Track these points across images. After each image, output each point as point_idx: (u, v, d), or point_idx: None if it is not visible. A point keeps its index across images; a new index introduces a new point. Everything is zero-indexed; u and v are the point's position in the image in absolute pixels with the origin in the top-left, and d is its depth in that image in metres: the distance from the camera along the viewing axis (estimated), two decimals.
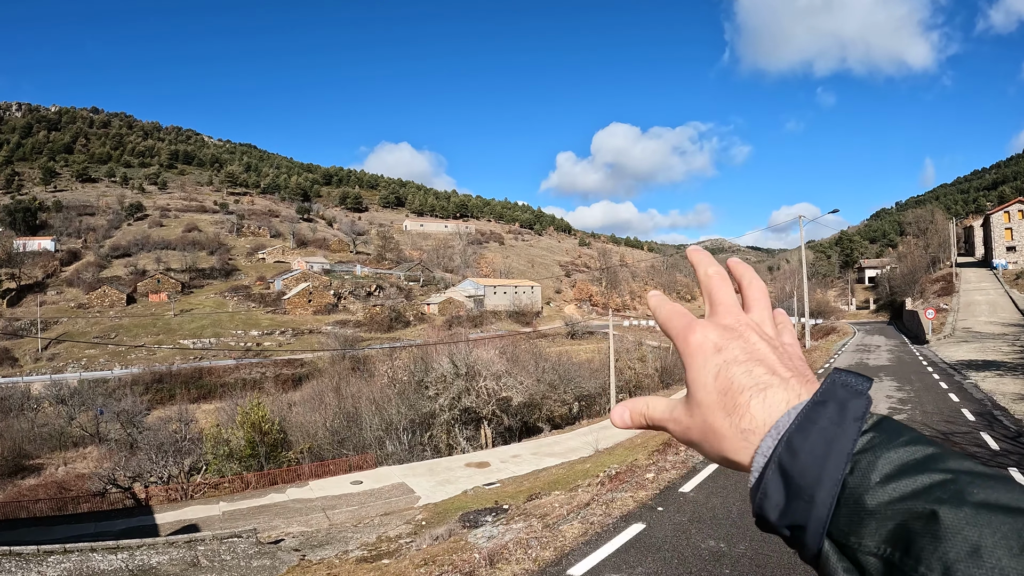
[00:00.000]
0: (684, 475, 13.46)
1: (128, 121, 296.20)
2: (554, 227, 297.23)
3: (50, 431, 59.73)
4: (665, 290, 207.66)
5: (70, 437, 59.38)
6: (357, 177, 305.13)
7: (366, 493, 29.21)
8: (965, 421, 19.16)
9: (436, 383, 41.94)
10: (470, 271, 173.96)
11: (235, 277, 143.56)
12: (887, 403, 23.56)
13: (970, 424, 18.64)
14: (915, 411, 21.52)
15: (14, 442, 54.39)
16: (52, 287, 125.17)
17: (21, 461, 53.08)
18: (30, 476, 49.70)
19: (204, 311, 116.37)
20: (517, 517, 14.54)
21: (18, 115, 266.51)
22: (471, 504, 24.47)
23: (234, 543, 20.03)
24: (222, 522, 26.36)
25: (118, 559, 18.03)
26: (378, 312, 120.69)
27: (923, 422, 19.12)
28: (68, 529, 27.50)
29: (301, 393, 54.53)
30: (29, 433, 58.10)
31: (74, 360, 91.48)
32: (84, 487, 38.98)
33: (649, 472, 13.88)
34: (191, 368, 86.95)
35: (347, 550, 20.21)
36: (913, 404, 23.06)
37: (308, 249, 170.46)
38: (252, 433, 35.06)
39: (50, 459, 55.05)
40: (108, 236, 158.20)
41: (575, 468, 28.05)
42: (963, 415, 20.22)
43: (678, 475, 13.47)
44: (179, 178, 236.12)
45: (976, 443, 15.90)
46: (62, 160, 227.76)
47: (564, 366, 54.78)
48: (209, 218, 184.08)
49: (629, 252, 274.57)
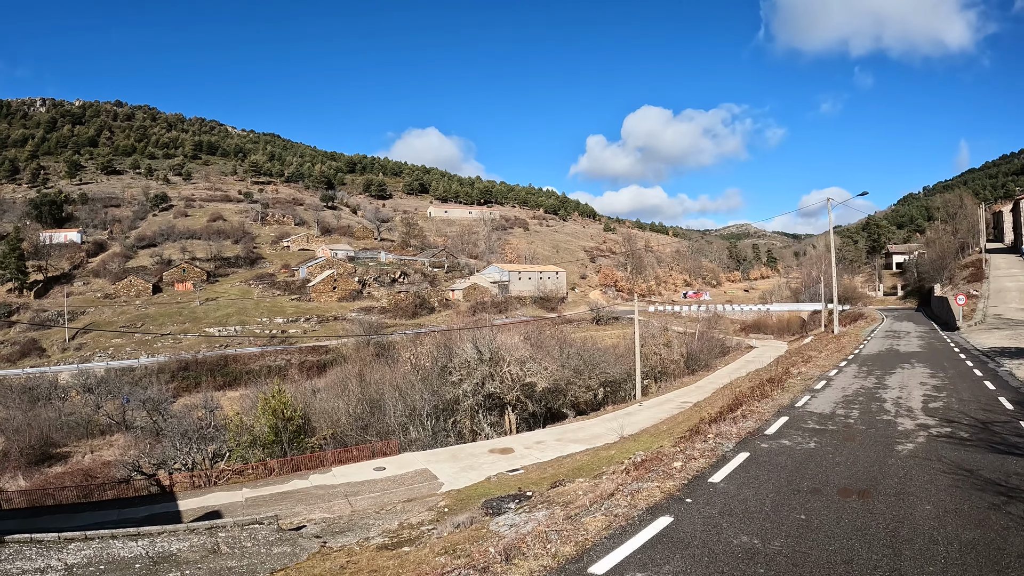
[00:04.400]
0: (713, 464, 12.87)
1: (152, 113, 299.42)
2: (579, 212, 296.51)
3: (77, 419, 60.49)
4: (690, 275, 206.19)
5: (97, 425, 60.09)
6: (381, 164, 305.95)
7: (389, 479, 28.99)
8: (1003, 410, 18.40)
9: (460, 369, 41.66)
10: (494, 257, 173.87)
11: (260, 265, 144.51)
12: (921, 391, 22.51)
13: (1008, 413, 17.91)
14: (951, 399, 20.65)
15: (41, 431, 55.05)
16: (79, 278, 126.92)
17: (48, 449, 53.78)
18: (57, 464, 50.31)
19: (229, 299, 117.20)
20: (540, 505, 14.12)
21: (42, 110, 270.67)
22: (494, 491, 24.11)
23: (255, 530, 19.82)
24: (245, 508, 26.25)
25: (138, 546, 17.71)
26: (403, 298, 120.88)
27: (960, 410, 18.42)
28: (92, 516, 27.46)
29: (325, 379, 54.63)
30: (56, 422, 58.81)
31: (101, 350, 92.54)
32: (109, 474, 39.28)
33: (677, 460, 13.31)
34: (216, 356, 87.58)
35: (368, 536, 19.97)
36: (948, 392, 22.12)
37: (332, 237, 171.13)
38: (274, 420, 34.98)
39: (77, 447, 55.73)
40: (134, 227, 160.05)
41: (600, 455, 27.62)
42: (1000, 403, 19.45)
43: (707, 464, 12.88)
44: (203, 168, 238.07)
45: (1017, 432, 15.23)
46: (87, 153, 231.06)
47: (589, 351, 54.34)
48: (234, 207, 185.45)
49: (655, 237, 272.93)
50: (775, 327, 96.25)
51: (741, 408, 19.93)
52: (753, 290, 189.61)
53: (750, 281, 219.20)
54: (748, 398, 22.30)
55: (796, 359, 37.99)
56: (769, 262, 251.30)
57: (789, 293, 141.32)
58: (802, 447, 14.04)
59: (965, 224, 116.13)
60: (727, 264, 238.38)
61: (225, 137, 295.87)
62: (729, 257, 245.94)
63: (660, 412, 37.20)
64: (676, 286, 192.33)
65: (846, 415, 18.13)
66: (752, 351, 67.46)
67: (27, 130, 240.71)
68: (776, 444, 14.42)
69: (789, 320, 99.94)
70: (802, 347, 54.99)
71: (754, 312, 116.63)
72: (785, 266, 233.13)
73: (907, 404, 19.79)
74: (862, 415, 18.11)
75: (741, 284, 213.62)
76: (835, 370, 29.47)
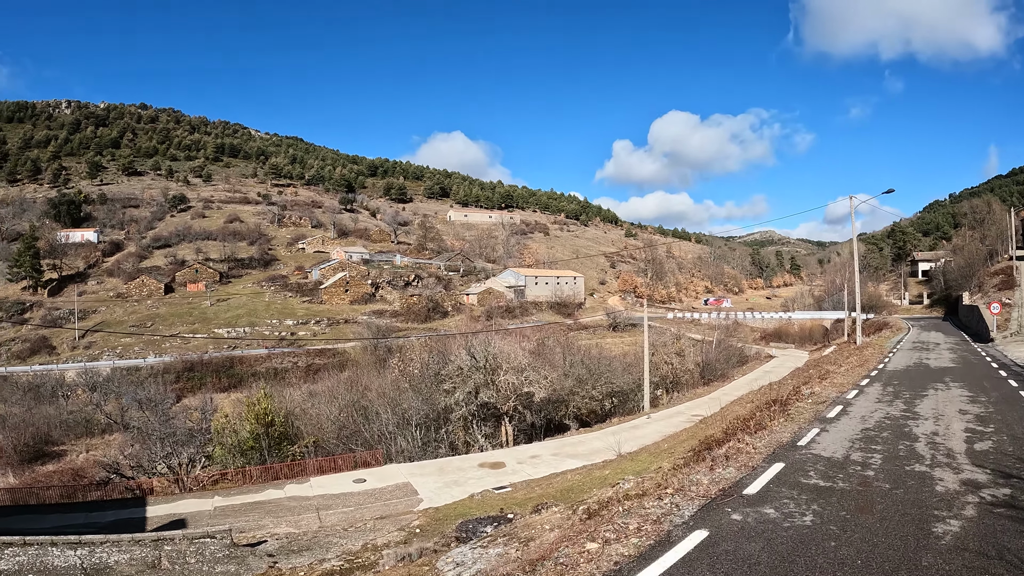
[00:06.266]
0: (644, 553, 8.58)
1: (175, 116, 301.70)
2: (601, 218, 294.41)
3: (77, 418, 59.94)
4: (712, 282, 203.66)
5: (97, 424, 59.31)
6: (402, 168, 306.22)
7: (366, 493, 27.34)
8: None
9: (453, 376, 39.88)
10: (512, 261, 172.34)
11: (274, 267, 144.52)
12: (962, 422, 17.89)
13: None
14: (1001, 435, 15.94)
15: (39, 428, 54.40)
16: (93, 277, 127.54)
17: (44, 447, 53.17)
18: (50, 462, 49.64)
19: (240, 300, 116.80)
20: (501, 539, 12.49)
21: (67, 112, 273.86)
22: (474, 511, 22.50)
23: (204, 544, 18.48)
24: (211, 518, 24.81)
25: (76, 555, 17.06)
26: (415, 302, 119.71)
27: (1018, 455, 13.82)
28: (60, 518, 26.23)
29: (321, 384, 53.05)
30: (56, 419, 58.18)
31: (109, 348, 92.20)
32: (96, 475, 38.12)
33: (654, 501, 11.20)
34: (223, 357, 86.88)
35: (324, 559, 18.34)
36: (997, 425, 17.31)
37: (349, 239, 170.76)
38: (256, 425, 33.45)
39: (74, 446, 55.00)
40: (151, 227, 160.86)
41: (592, 474, 25.90)
42: None
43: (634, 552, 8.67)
44: (224, 171, 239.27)
45: None
46: (109, 155, 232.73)
47: (594, 360, 52.32)
48: (252, 209, 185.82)
49: (677, 243, 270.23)
50: (797, 336, 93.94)
51: (726, 446, 15.72)
52: (775, 297, 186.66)
53: (772, 288, 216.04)
54: (739, 430, 17.95)
55: (812, 374, 35.68)
56: (792, 269, 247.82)
57: (812, 301, 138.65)
58: (792, 524, 9.52)
59: (993, 230, 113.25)
60: (750, 271, 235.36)
61: (248, 140, 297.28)
62: (752, 264, 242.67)
63: (667, 426, 35.30)
64: (697, 293, 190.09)
65: (863, 463, 13.54)
66: (771, 361, 65.20)
67: (51, 131, 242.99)
68: (755, 515, 9.95)
69: (811, 329, 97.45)
70: (821, 359, 52.72)
71: (775, 320, 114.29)
72: (809, 273, 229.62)
73: (946, 444, 15.23)
74: (886, 463, 13.51)
75: (763, 291, 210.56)
76: (855, 390, 25.21)
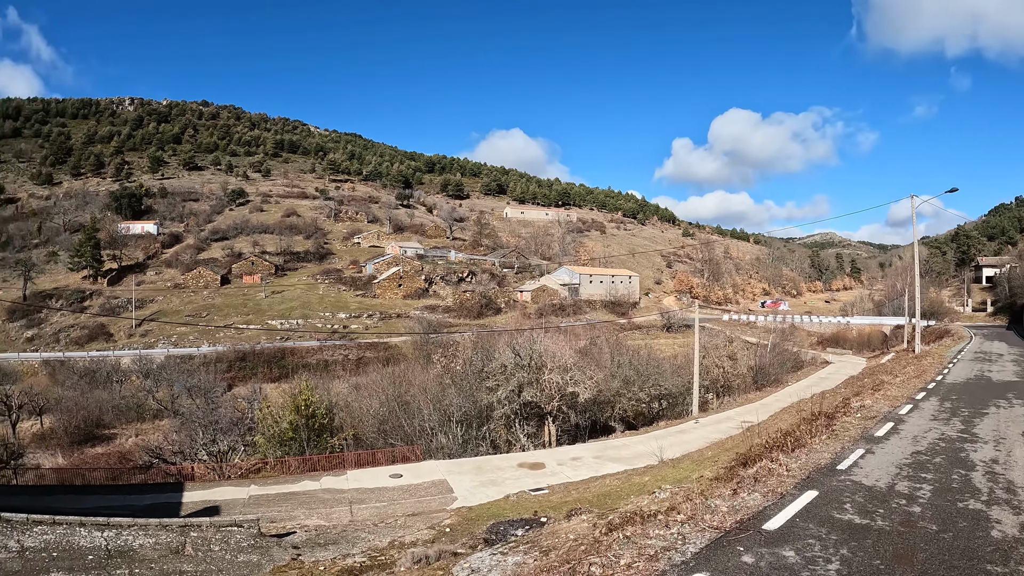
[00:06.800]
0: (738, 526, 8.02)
1: (236, 113, 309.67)
2: (659, 217, 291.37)
3: (129, 403, 61.19)
4: (770, 284, 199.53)
5: (148, 410, 60.53)
6: (460, 165, 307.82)
7: (401, 489, 26.99)
8: None
9: (496, 374, 39.32)
10: (567, 259, 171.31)
11: (329, 261, 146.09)
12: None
13: None
14: None
15: (91, 412, 55.72)
16: (152, 268, 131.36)
17: (95, 430, 54.44)
18: (100, 444, 50.81)
19: (295, 293, 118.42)
20: (523, 547, 11.85)
21: (130, 108, 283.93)
22: (508, 512, 21.97)
23: (231, 533, 18.39)
24: (245, 506, 24.79)
25: (102, 536, 16.86)
26: (468, 298, 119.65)
27: None
28: (100, 499, 26.61)
29: (366, 378, 53.10)
30: (109, 404, 59.54)
31: (165, 337, 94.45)
32: (139, 459, 38.74)
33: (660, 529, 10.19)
34: (275, 348, 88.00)
35: (348, 553, 17.99)
36: None
37: (404, 234, 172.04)
38: (296, 416, 33.42)
39: (124, 430, 56.23)
40: (209, 220, 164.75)
41: (632, 480, 25.07)
42: None
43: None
44: (283, 166, 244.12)
45: None
46: (170, 150, 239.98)
47: (644, 360, 51.11)
48: (309, 204, 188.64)
49: (735, 244, 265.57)
50: (855, 342, 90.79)
51: (757, 465, 13.90)
52: (834, 301, 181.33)
53: (831, 292, 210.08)
54: (775, 447, 16.09)
55: (865, 383, 34.06)
56: (853, 273, 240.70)
57: (871, 306, 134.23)
58: (813, 574, 7.74)
59: None
60: (808, 274, 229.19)
61: (307, 136, 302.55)
62: (811, 266, 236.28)
63: (715, 432, 34.10)
64: (754, 295, 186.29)
65: (909, 495, 11.50)
66: (827, 367, 63.02)
67: (114, 127, 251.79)
68: (769, 559, 8.18)
69: (870, 334, 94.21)
70: (877, 367, 50.67)
71: (833, 324, 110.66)
72: (869, 277, 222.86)
73: (1006, 476, 12.81)
74: (935, 496, 11.42)
75: (822, 295, 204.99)
76: (908, 405, 22.77)
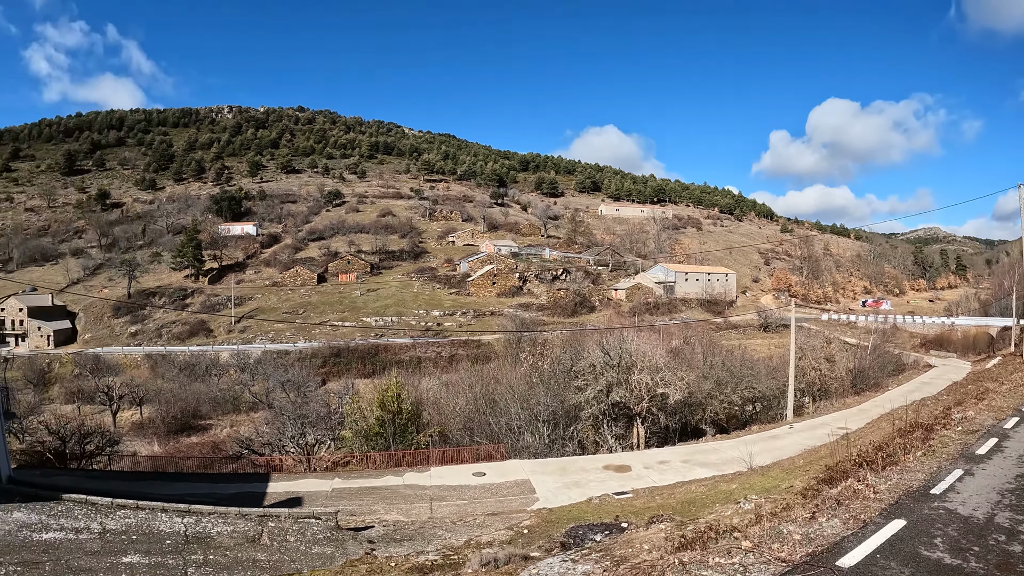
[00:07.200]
0: None
1: (332, 117, 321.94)
2: (756, 212, 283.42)
3: (226, 396, 63.30)
4: (871, 282, 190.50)
5: (243, 402, 62.48)
6: (554, 163, 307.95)
7: (483, 487, 26.43)
8: None
9: (584, 373, 38.30)
10: (663, 257, 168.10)
11: (423, 259, 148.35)
12: None
13: None
14: None
15: (187, 403, 57.95)
16: (251, 267, 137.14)
17: (192, 420, 56.52)
18: (195, 434, 52.65)
19: (389, 291, 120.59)
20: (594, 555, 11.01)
21: (229, 116, 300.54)
22: (588, 515, 21.07)
23: (308, 524, 18.41)
24: (327, 499, 24.79)
25: (182, 523, 17.33)
26: (562, 296, 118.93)
27: None
28: (187, 486, 27.22)
29: (455, 375, 53.05)
30: (206, 395, 61.73)
31: (262, 333, 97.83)
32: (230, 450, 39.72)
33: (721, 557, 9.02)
34: (369, 345, 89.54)
35: (423, 551, 17.47)
36: None
37: (498, 233, 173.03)
38: (382, 412, 33.41)
39: (220, 421, 58.21)
40: (307, 221, 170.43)
41: (718, 487, 23.69)
42: None
43: None
44: (378, 167, 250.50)
45: None
46: (268, 154, 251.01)
47: (737, 361, 49.11)
48: (404, 204, 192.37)
49: (834, 240, 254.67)
50: (959, 344, 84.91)
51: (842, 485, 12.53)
52: (938, 300, 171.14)
53: (936, 290, 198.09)
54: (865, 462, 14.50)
55: (969, 391, 31.15)
56: (958, 270, 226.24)
57: (978, 305, 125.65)
58: None
59: None
60: (911, 271, 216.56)
61: (401, 138, 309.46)
62: (914, 263, 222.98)
63: (809, 439, 32.08)
64: (855, 293, 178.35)
65: (1011, 531, 9.49)
66: (929, 371, 59.12)
67: (214, 134, 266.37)
68: None
69: (975, 336, 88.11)
70: (981, 373, 47.06)
71: (937, 325, 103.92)
72: (975, 275, 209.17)
73: None
74: None
75: (926, 293, 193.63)
76: (1015, 417, 19.97)
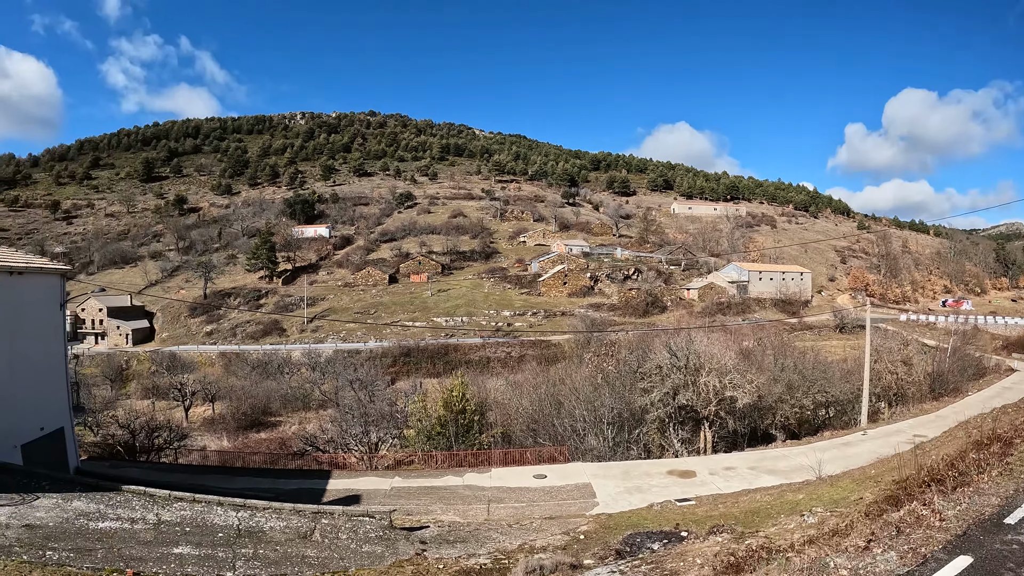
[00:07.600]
0: None
1: (402, 121, 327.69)
2: (832, 209, 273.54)
3: (295, 393, 64.61)
4: (951, 280, 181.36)
5: (313, 400, 63.64)
6: (625, 161, 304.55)
7: (543, 490, 26.09)
8: None
9: (651, 375, 37.45)
10: (736, 256, 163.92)
11: (494, 259, 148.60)
12: None
13: None
14: None
15: (257, 400, 59.37)
16: (324, 268, 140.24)
17: (262, 417, 57.92)
18: (264, 430, 53.87)
19: (460, 291, 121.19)
20: (644, 567, 10.51)
21: (301, 122, 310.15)
22: (648, 523, 20.51)
23: (361, 523, 18.40)
24: (385, 497, 24.92)
25: (236, 516, 17.54)
26: (633, 296, 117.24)
27: None
28: (248, 481, 27.92)
29: (521, 376, 52.86)
30: (276, 393, 63.17)
31: (334, 332, 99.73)
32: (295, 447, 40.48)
33: None
34: (439, 345, 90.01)
35: (474, 553, 17.25)
36: None
37: (570, 232, 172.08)
38: (445, 412, 33.40)
39: (289, 418, 59.50)
40: (379, 223, 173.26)
41: (784, 497, 22.70)
42: None
43: None
44: (449, 169, 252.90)
45: None
46: (340, 158, 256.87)
47: (809, 364, 47.22)
48: (475, 204, 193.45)
49: (913, 236, 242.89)
50: None
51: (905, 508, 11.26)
52: (1022, 300, 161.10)
53: (1019, 289, 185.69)
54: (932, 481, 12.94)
55: None
56: None
57: None
58: None
59: None
60: (993, 269, 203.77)
61: (471, 139, 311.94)
62: (996, 261, 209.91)
63: (883, 447, 30.31)
64: (935, 292, 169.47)
65: None
66: (1011, 376, 55.72)
67: (287, 140, 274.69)
68: None
69: None
70: None
71: (1020, 327, 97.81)
72: None
73: None
74: None
75: (1008, 292, 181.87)
76: None
